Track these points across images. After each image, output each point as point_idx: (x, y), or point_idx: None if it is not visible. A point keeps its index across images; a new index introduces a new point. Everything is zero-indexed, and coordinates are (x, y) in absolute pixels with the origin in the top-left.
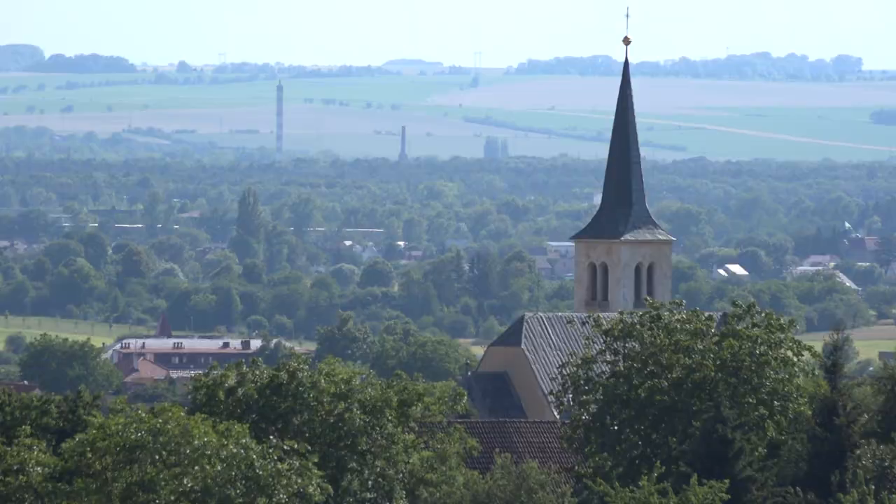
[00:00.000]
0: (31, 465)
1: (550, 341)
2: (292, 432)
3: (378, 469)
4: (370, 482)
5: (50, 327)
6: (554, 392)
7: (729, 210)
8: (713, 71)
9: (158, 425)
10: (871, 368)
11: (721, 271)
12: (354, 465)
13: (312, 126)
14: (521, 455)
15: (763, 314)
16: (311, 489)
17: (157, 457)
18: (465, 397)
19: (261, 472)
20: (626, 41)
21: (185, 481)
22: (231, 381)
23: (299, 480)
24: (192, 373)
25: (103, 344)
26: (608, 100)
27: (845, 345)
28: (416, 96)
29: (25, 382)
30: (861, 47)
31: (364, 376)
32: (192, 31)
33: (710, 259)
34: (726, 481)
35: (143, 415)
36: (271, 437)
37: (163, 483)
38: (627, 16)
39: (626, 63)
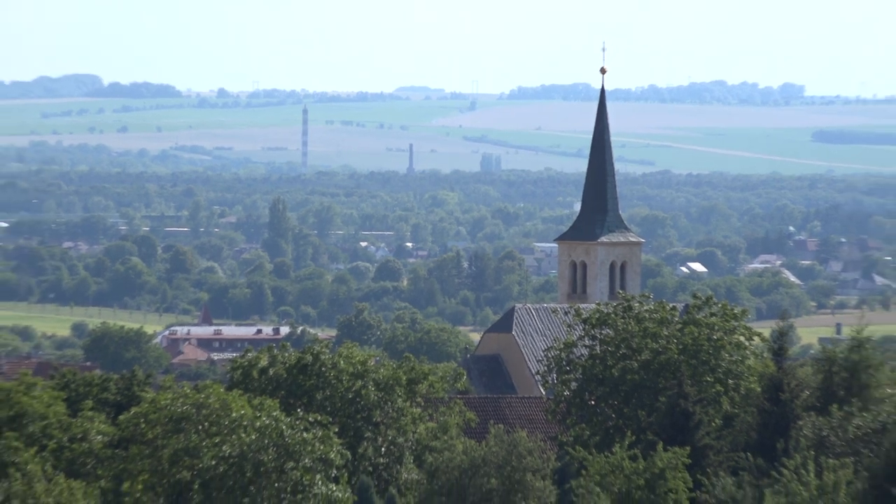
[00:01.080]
0: (92, 434)
1: (537, 328)
2: (316, 406)
3: (389, 438)
4: (383, 449)
5: (108, 316)
6: (540, 372)
7: (690, 216)
8: (677, 96)
9: (201, 400)
10: (811, 351)
11: (683, 268)
12: (369, 434)
13: (333, 144)
14: (512, 426)
15: (719, 305)
16: (332, 455)
17: (199, 427)
18: (464, 376)
19: (289, 440)
20: (603, 71)
21: (224, 448)
22: (263, 363)
23: (322, 447)
24: (230, 355)
25: (154, 331)
26: (587, 121)
27: (789, 331)
28: (422, 118)
29: (88, 363)
30: (804, 76)
31: (377, 358)
32: (229, 62)
33: (674, 258)
34: (687, 448)
35: (188, 391)
36: (298, 410)
37: (205, 449)
38: (604, 49)
39: (603, 90)
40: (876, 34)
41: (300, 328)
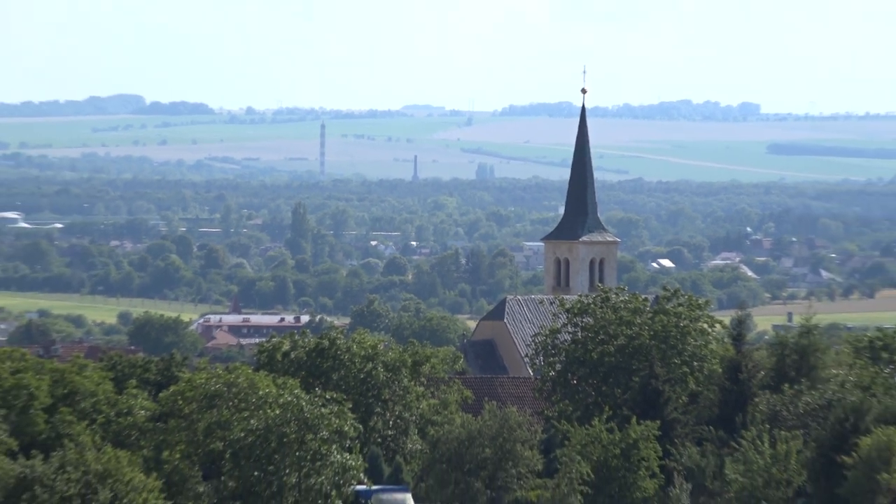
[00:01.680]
0: (136, 409)
1: (526, 317)
2: (332, 385)
3: (396, 413)
4: (391, 422)
5: (150, 306)
6: (528, 355)
7: (660, 218)
8: (648, 114)
9: (231, 379)
10: (766, 337)
11: (654, 264)
12: (379, 409)
13: (347, 155)
14: (504, 402)
15: (685, 297)
16: (346, 427)
17: (230, 403)
18: (462, 359)
19: (308, 415)
20: (584, 91)
21: (251, 422)
22: (286, 347)
23: (337, 421)
24: (257, 340)
25: (190, 319)
26: (570, 135)
27: (747, 320)
28: (425, 132)
29: (132, 348)
30: (759, 96)
31: (386, 343)
32: (256, 83)
33: (646, 255)
34: (658, 422)
35: (220, 372)
36: (316, 388)
37: (235, 423)
38: (584, 72)
39: (583, 108)
40: (823, 59)
41: (318, 317)
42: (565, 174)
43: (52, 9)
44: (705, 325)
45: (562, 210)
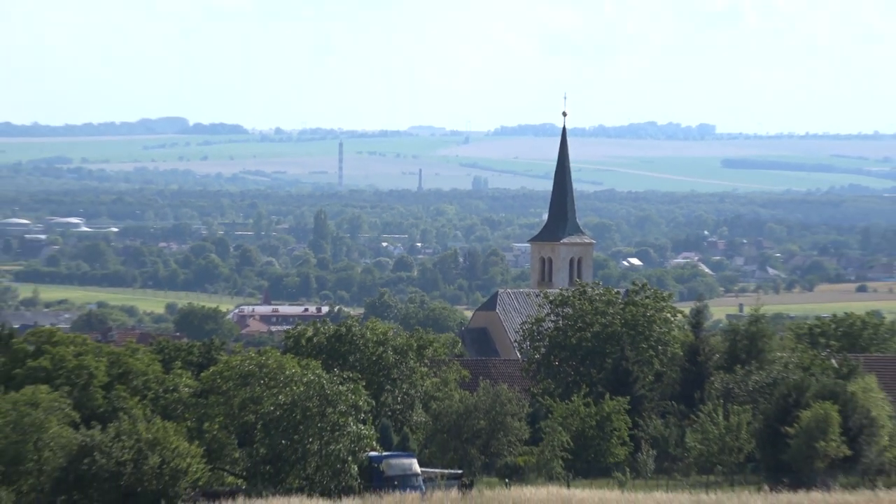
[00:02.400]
0: (181, 387)
1: (515, 307)
2: (348, 366)
3: (404, 389)
4: (399, 398)
5: (193, 298)
6: (517, 340)
7: (629, 223)
8: (619, 133)
9: (262, 361)
10: (720, 325)
11: (625, 262)
12: (388, 387)
13: (361, 169)
14: (496, 381)
15: (651, 290)
16: (360, 402)
17: (261, 381)
18: (460, 344)
19: (328, 392)
20: (564, 114)
21: (279, 397)
22: (309, 333)
23: (353, 397)
24: (285, 328)
25: (227, 309)
26: (552, 152)
27: (704, 310)
28: (429, 149)
29: (177, 334)
30: (715, 118)
31: (395, 330)
32: (284, 107)
33: (618, 255)
34: (627, 397)
35: (253, 354)
36: (335, 369)
37: (265, 398)
38: (565, 98)
39: (564, 128)
40: (770, 86)
41: (337, 307)
42: (548, 185)
43: (109, 43)
44: (668, 315)
45: (545, 216)
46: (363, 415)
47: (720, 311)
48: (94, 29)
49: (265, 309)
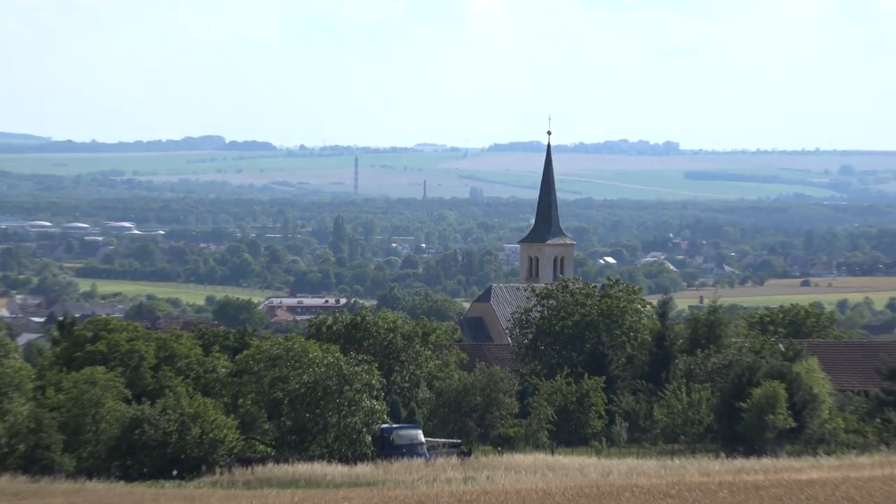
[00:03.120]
0: (219, 367)
1: (507, 299)
2: (363, 350)
3: (411, 370)
4: (406, 378)
5: (229, 292)
6: (508, 328)
7: (605, 227)
8: (596, 149)
9: (289, 346)
10: (683, 315)
11: (601, 261)
12: (398, 368)
13: (374, 180)
14: (490, 363)
15: (624, 285)
16: (373, 381)
17: (288, 363)
18: (459, 331)
19: (346, 372)
20: (549, 133)
21: (303, 377)
22: (329, 322)
23: (367, 376)
24: (308, 317)
25: (258, 301)
26: (539, 165)
27: (669, 302)
28: (432, 163)
29: (216, 322)
30: (679, 136)
31: (403, 319)
32: (307, 127)
33: (595, 254)
34: (603, 377)
35: (280, 340)
36: (351, 352)
37: (291, 378)
38: (549, 119)
39: (549, 145)
40: (726, 108)
41: (353, 299)
42: (535, 194)
43: (158, 72)
44: (639, 306)
45: (533, 221)
46: (375, 392)
47: (683, 302)
48: (144, 60)
49: (291, 301)
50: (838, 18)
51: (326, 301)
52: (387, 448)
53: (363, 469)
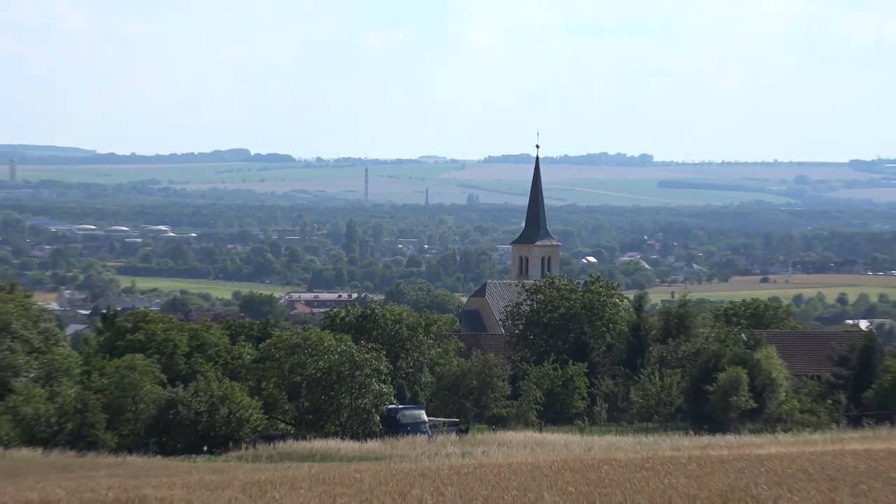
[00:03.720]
0: (244, 355)
1: (500, 294)
2: (372, 339)
3: (415, 357)
4: (411, 364)
5: (253, 288)
6: (501, 319)
7: (587, 230)
8: (579, 161)
9: (306, 335)
10: (657, 308)
11: (584, 260)
12: (403, 355)
13: (382, 188)
14: (485, 350)
15: (604, 281)
16: (381, 367)
17: (305, 351)
18: (457, 322)
19: (357, 359)
20: (537, 146)
21: (319, 363)
22: (342, 314)
23: (376, 363)
24: (324, 310)
25: (279, 296)
26: (528, 175)
27: (644, 296)
28: (434, 173)
29: (241, 315)
30: (653, 149)
31: (408, 312)
32: (323, 140)
33: (578, 254)
34: (586, 363)
35: (299, 330)
36: (362, 341)
37: (308, 364)
38: (538, 134)
39: (537, 157)
40: (694, 124)
41: (363, 294)
42: (525, 201)
43: (190, 91)
44: (617, 300)
45: (523, 225)
46: (383, 376)
47: (656, 296)
48: (179, 82)
49: (308, 295)
50: (794, 46)
51: (340, 296)
52: (393, 426)
53: (372, 445)
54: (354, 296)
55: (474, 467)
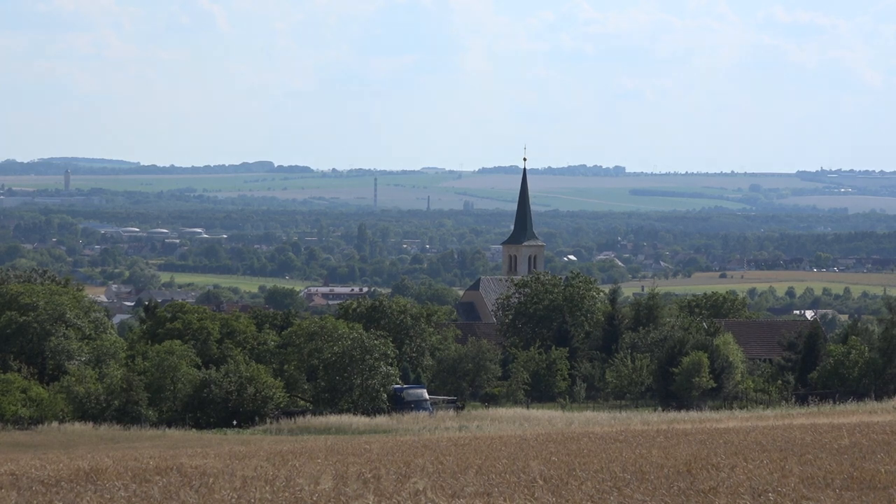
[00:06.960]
0: (269, 341)
1: (493, 288)
2: (380, 327)
3: (417, 342)
4: (414, 349)
5: (276, 283)
6: (494, 310)
7: (568, 232)
8: (562, 172)
9: (323, 324)
10: (629, 300)
11: (565, 258)
12: (407, 341)
13: (389, 196)
14: (479, 337)
15: (583, 277)
16: (388, 352)
17: (322, 337)
18: (455, 312)
19: (367, 344)
20: (525, 159)
21: (334, 348)
22: (354, 306)
23: (383, 348)
24: (338, 302)
25: (300, 289)
26: (517, 185)
27: (618, 290)
28: (435, 182)
29: (266, 306)
30: (625, 161)
31: (411, 303)
32: (338, 153)
33: (561, 253)
34: (567, 348)
35: (316, 320)
36: (371, 329)
37: (325, 349)
38: (525, 148)
39: (525, 169)
40: (662, 139)
41: (373, 288)
42: (514, 207)
43: (221, 112)
44: (594, 294)
45: (512, 228)
46: (390, 360)
47: (629, 290)
48: (212, 103)
49: (325, 289)
50: (748, 72)
51: (352, 290)
52: (399, 403)
53: (381, 420)
54: (365, 289)
55: (470, 439)
